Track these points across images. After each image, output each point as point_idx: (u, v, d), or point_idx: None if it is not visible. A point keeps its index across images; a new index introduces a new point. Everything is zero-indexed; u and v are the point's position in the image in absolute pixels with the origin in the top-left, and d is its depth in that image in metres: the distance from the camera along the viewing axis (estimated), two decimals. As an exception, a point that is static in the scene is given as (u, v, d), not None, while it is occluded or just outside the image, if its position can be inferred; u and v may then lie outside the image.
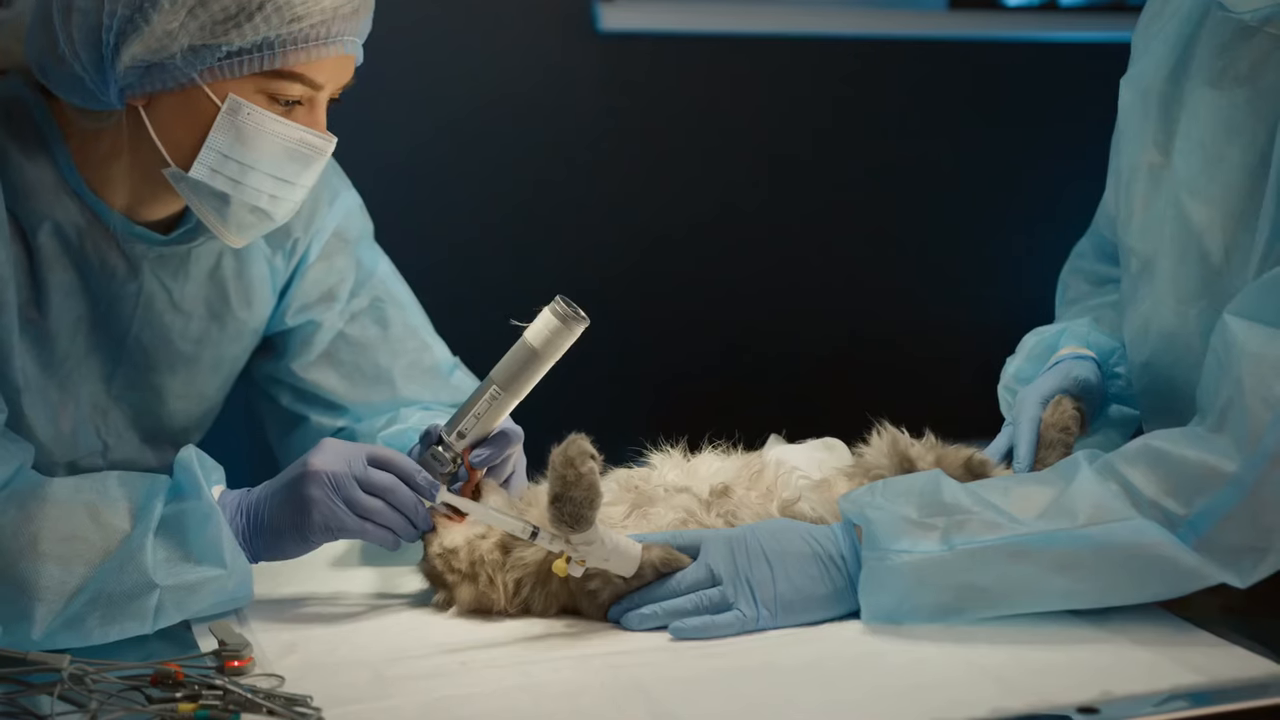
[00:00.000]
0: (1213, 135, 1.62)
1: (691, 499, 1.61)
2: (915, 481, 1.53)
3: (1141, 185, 1.74)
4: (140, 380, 1.89)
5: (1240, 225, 1.60)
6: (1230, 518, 1.40)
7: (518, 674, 1.39)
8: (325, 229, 1.98)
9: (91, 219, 1.78)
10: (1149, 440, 1.48)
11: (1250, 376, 1.43)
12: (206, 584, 1.54)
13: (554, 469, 1.45)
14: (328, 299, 1.99)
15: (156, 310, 1.86)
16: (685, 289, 3.51)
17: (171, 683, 1.34)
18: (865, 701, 1.31)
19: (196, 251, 1.87)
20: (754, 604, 1.48)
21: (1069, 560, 1.43)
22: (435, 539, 1.56)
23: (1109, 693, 1.28)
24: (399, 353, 2.02)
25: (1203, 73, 1.64)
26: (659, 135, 3.45)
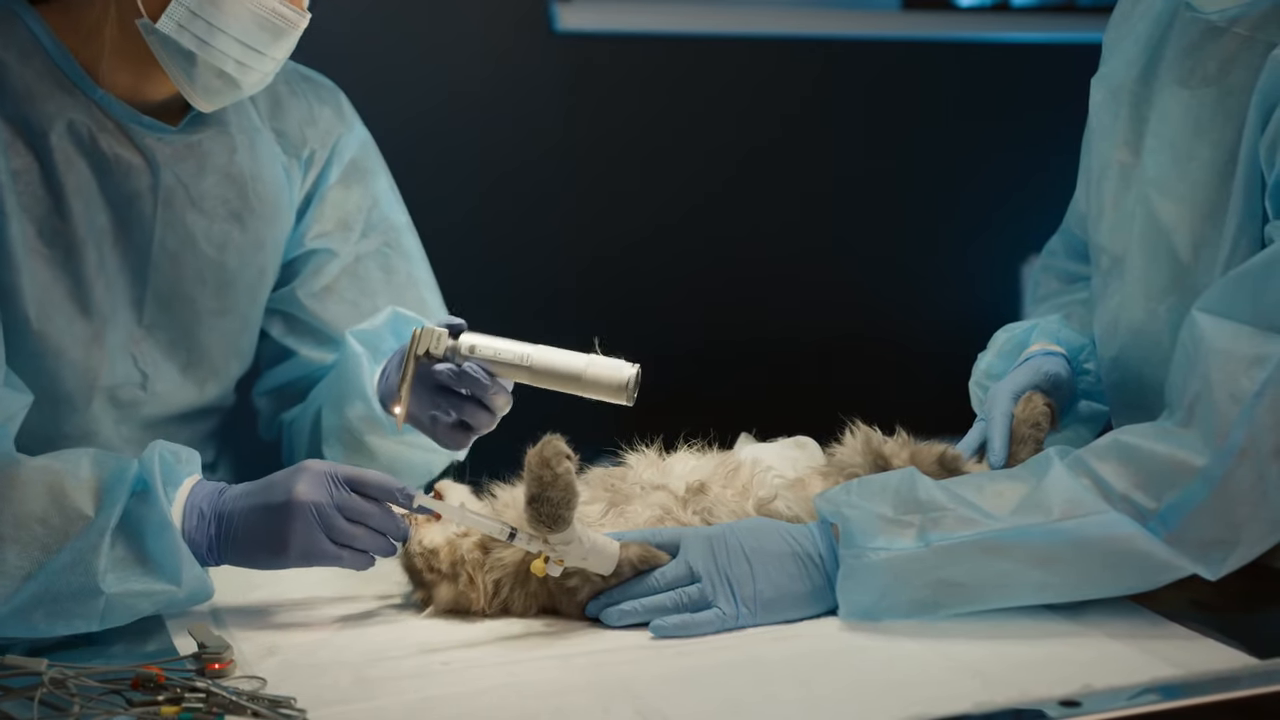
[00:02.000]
0: (1182, 134, 1.65)
1: (668, 496, 1.62)
2: (890, 479, 1.54)
3: (1112, 183, 1.76)
4: (171, 296, 1.88)
5: (1208, 223, 1.62)
6: (1199, 512, 1.42)
7: (501, 673, 1.40)
8: (343, 153, 2.01)
9: (100, 114, 1.80)
10: (1118, 435, 1.50)
11: (1218, 372, 1.45)
12: (155, 595, 1.53)
13: (530, 470, 1.46)
14: (343, 228, 2.01)
15: (177, 210, 1.86)
16: (645, 288, 3.52)
17: (153, 686, 1.34)
18: (849, 697, 1.32)
19: (208, 145, 1.88)
20: (733, 602, 1.49)
21: (1043, 554, 1.45)
22: (416, 537, 1.56)
23: (1089, 686, 1.29)
24: (397, 301, 2.02)
25: (1172, 72, 1.66)
26: (617, 135, 3.46)
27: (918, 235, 3.72)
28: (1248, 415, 1.42)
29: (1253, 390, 1.42)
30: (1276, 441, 1.42)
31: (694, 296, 3.56)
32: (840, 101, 3.64)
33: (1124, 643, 1.43)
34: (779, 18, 3.58)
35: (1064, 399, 1.82)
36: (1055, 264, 2.02)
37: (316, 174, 2.00)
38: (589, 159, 3.44)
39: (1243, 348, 1.45)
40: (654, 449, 1.70)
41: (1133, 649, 1.41)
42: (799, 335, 3.61)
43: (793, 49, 3.61)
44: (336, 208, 2.01)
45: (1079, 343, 1.88)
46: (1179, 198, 1.65)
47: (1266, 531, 1.44)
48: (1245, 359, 1.44)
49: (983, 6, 3.75)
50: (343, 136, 2.02)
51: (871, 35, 3.67)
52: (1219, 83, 1.60)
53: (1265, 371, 1.43)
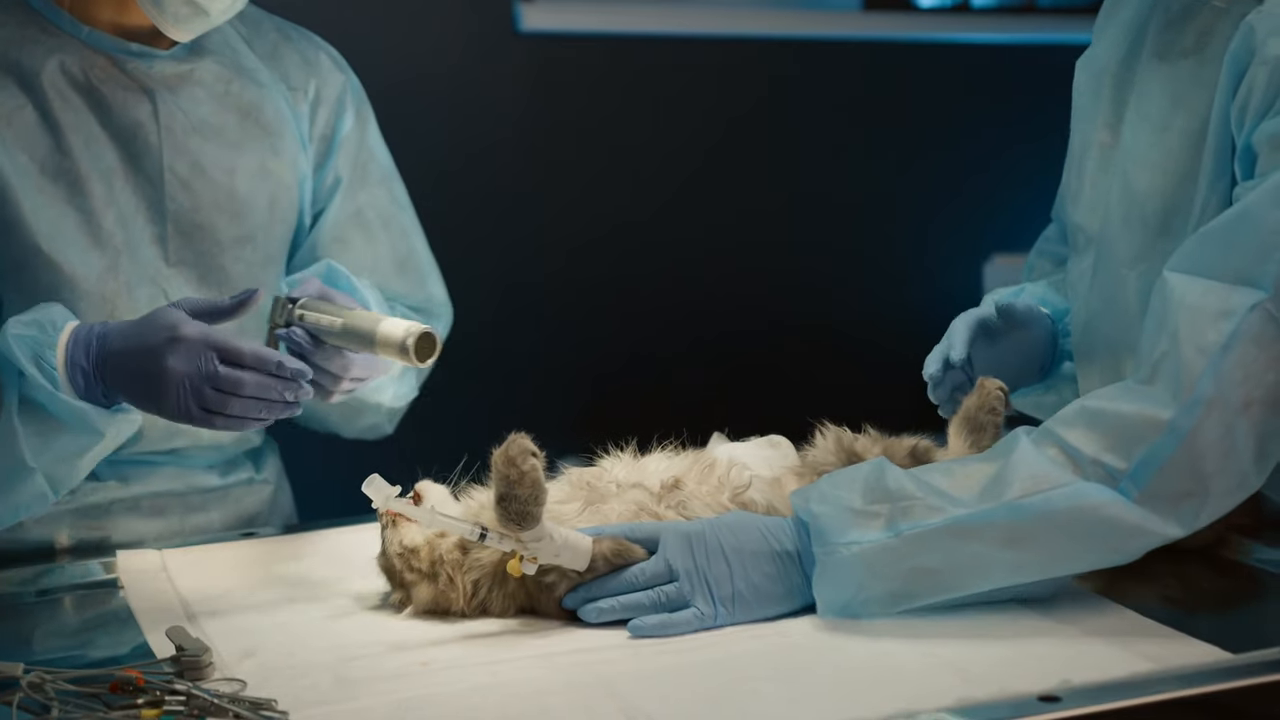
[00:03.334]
0: (1159, 106, 1.67)
1: (644, 494, 1.62)
2: (859, 470, 1.54)
3: (1091, 164, 1.79)
4: (191, 227, 1.94)
5: (1181, 190, 1.64)
6: (1169, 465, 1.43)
7: (482, 673, 1.39)
8: (348, 99, 2.08)
9: (89, 51, 1.87)
10: (1084, 402, 1.51)
11: (1185, 327, 1.45)
12: (85, 449, 1.67)
13: (497, 469, 1.46)
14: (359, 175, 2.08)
15: (180, 135, 1.92)
16: (610, 289, 3.51)
17: (132, 689, 1.33)
18: (831, 694, 1.33)
19: (201, 73, 1.95)
20: (711, 601, 1.49)
21: (1013, 533, 1.45)
22: (395, 537, 1.56)
23: (1068, 681, 1.30)
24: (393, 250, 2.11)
25: (1153, 48, 1.69)
26: (581, 135, 3.46)
27: (881, 234, 3.73)
28: (1214, 367, 1.43)
29: (1219, 343, 1.43)
30: (1245, 396, 1.43)
31: (658, 296, 3.56)
32: (802, 101, 3.65)
33: (1100, 639, 1.44)
34: (741, 18, 3.58)
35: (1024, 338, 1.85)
36: (1048, 248, 2.03)
37: (330, 116, 2.06)
38: (553, 159, 3.44)
39: (1210, 302, 1.46)
40: (629, 451, 1.71)
41: (1109, 645, 1.42)
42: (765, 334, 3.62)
43: (755, 49, 3.61)
44: (351, 155, 2.08)
45: (1063, 307, 1.90)
46: (1153, 166, 1.67)
47: (1235, 484, 1.45)
48: (1212, 312, 1.45)
49: (943, 7, 3.77)
50: (348, 84, 2.09)
51: (833, 36, 3.68)
52: (1196, 54, 1.63)
53: (1231, 324, 1.43)
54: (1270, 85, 1.51)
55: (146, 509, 1.97)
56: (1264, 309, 1.43)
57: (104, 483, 1.93)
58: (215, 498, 2.03)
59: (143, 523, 1.96)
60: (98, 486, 1.93)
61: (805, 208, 3.67)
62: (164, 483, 1.98)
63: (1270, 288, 1.43)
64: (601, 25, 3.43)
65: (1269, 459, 1.46)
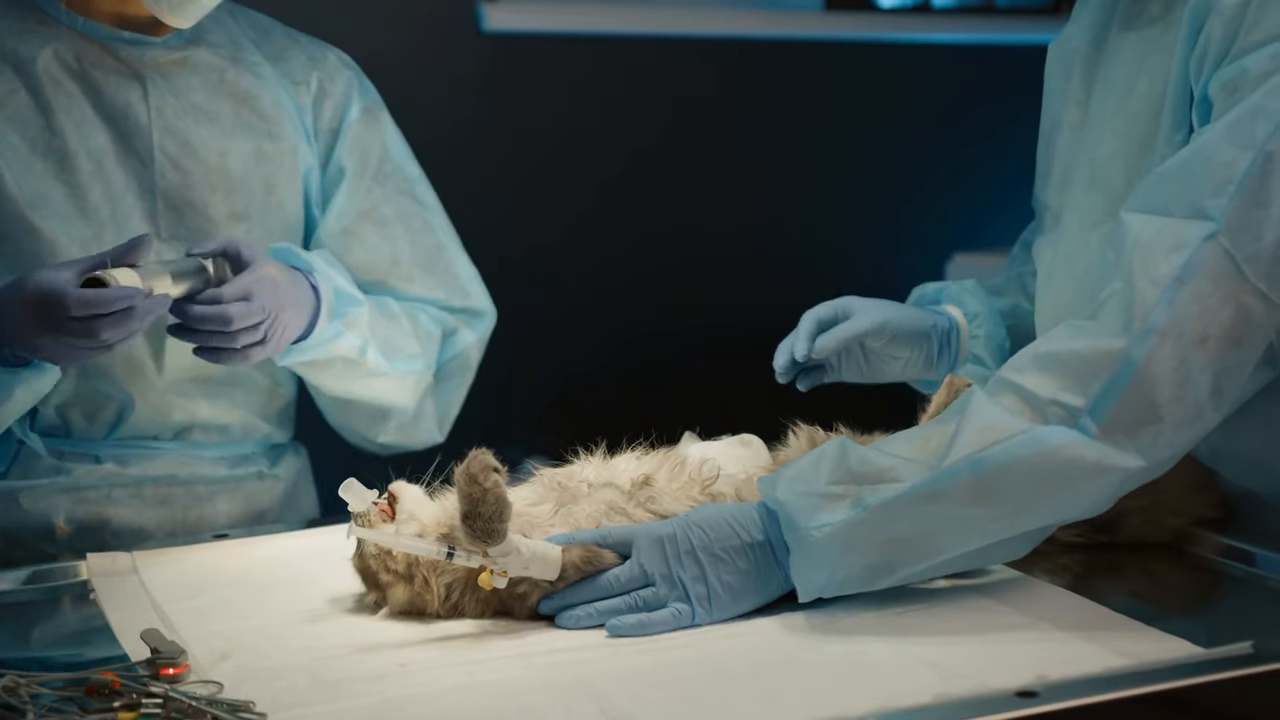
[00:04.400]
0: (1124, 73, 1.69)
1: (615, 493, 1.62)
2: (822, 452, 1.54)
3: (1061, 142, 1.81)
4: (182, 204, 1.98)
5: (1143, 153, 1.65)
6: (1125, 395, 1.43)
7: (460, 674, 1.39)
8: (360, 96, 2.12)
9: (84, 41, 1.93)
10: (1034, 348, 1.52)
11: (1139, 261, 1.47)
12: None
13: (459, 487, 1.45)
14: (362, 168, 2.10)
15: (170, 117, 1.97)
16: (572, 289, 3.51)
17: (108, 692, 1.32)
18: (809, 691, 1.33)
19: (196, 60, 2.00)
20: (688, 601, 1.49)
21: (978, 489, 1.45)
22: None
23: (1044, 677, 1.31)
24: (416, 248, 2.14)
25: (1121, 20, 1.71)
26: (543, 135, 3.45)
27: (843, 234, 3.74)
28: (1167, 298, 1.44)
29: (1172, 274, 1.45)
30: (1201, 331, 1.44)
31: (622, 298, 3.56)
32: (764, 101, 3.66)
33: (1073, 634, 1.44)
34: (704, 18, 3.58)
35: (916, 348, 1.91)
36: (1028, 237, 2.05)
37: (336, 110, 2.09)
38: (516, 159, 3.43)
39: (1164, 237, 1.47)
40: (599, 453, 1.71)
41: (1082, 640, 1.43)
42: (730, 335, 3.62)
43: (718, 49, 3.62)
44: (356, 145, 2.10)
45: (976, 309, 1.93)
46: (1117, 131, 1.68)
47: (1190, 417, 1.45)
48: (1166, 245, 1.46)
49: (904, 7, 3.78)
50: (355, 80, 2.13)
51: (795, 36, 3.68)
52: (1162, 20, 1.65)
53: (1184, 255, 1.45)
54: (1225, 35, 1.53)
55: (150, 497, 1.98)
56: (1218, 244, 1.45)
57: (101, 465, 1.95)
58: (224, 489, 2.04)
59: (146, 511, 1.97)
60: (94, 469, 1.94)
61: (767, 208, 3.68)
62: (166, 468, 1.99)
63: (1222, 219, 1.45)
64: (565, 25, 3.43)
65: (1225, 395, 1.47)
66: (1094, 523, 1.69)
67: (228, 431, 2.05)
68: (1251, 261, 1.45)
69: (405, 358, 2.06)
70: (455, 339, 2.16)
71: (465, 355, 2.17)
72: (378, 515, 1.56)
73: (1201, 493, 1.74)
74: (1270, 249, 1.45)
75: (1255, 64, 1.49)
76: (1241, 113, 1.48)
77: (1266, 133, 1.46)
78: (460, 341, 2.16)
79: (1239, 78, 1.50)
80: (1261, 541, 1.68)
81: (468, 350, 2.17)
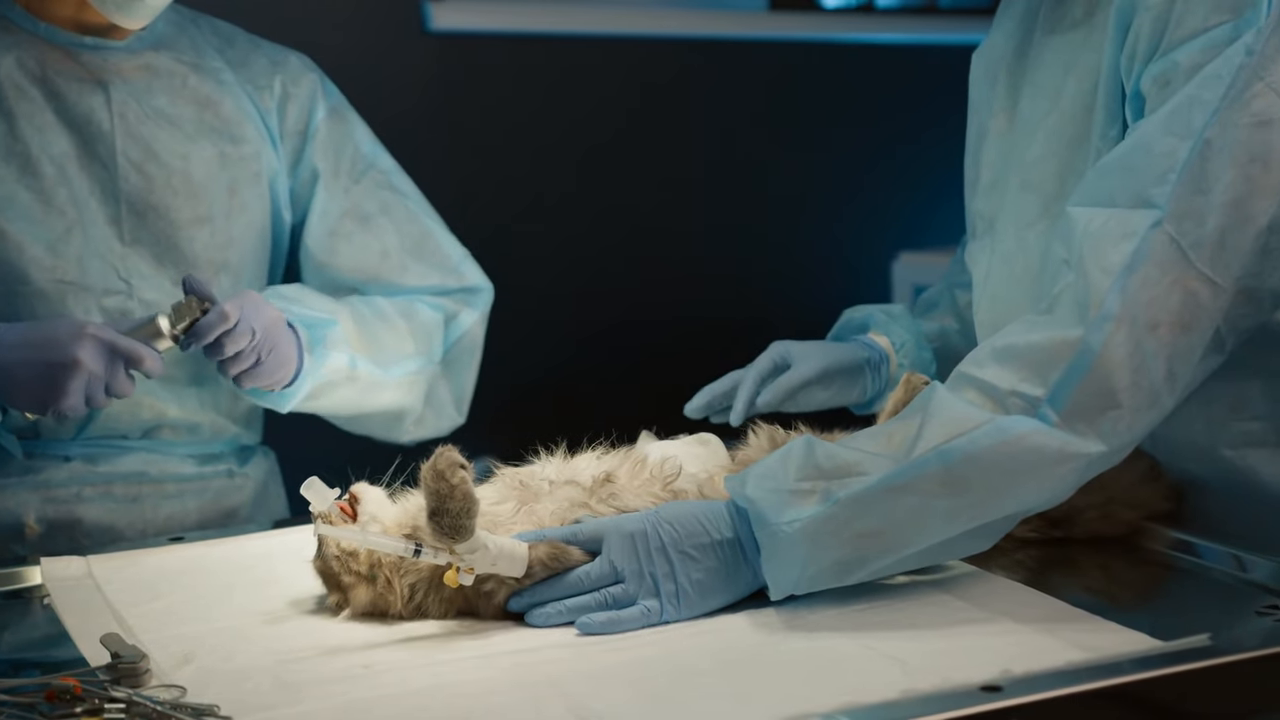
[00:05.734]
0: (1051, 76, 1.72)
1: (576, 490, 1.62)
2: (789, 450, 1.56)
3: (988, 149, 1.83)
4: (145, 208, 1.98)
5: (1075, 152, 1.68)
6: (1084, 383, 1.45)
7: (426, 675, 1.39)
8: (324, 98, 2.13)
9: (46, 46, 1.94)
10: (991, 343, 1.54)
11: (1090, 252, 1.49)
12: None
13: (426, 485, 1.45)
14: (335, 170, 2.11)
15: (132, 121, 1.98)
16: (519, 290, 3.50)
17: (70, 698, 1.30)
18: (776, 689, 1.33)
19: (158, 66, 2.01)
20: (658, 598, 1.50)
21: (944, 480, 1.46)
22: (333, 540, 1.55)
23: (1008, 671, 1.32)
24: (403, 237, 2.16)
25: (1044, 26, 1.75)
26: (490, 135, 3.44)
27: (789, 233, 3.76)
28: (1119, 284, 1.46)
29: (1122, 262, 1.47)
30: (1152, 317, 1.47)
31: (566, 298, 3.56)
32: (709, 101, 3.67)
33: (1032, 628, 1.46)
34: (649, 18, 3.59)
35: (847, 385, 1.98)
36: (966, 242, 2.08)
37: (301, 112, 2.10)
38: (462, 158, 3.42)
39: (1112, 227, 1.50)
40: (559, 453, 1.70)
41: (1042, 634, 1.44)
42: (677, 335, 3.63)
43: (663, 48, 3.62)
44: (327, 146, 2.11)
45: (903, 339, 2.00)
46: (1048, 132, 1.71)
47: (1148, 400, 1.48)
48: (1115, 235, 1.49)
49: (848, 8, 3.81)
50: (319, 82, 2.14)
51: (740, 35, 3.70)
52: (1085, 23, 1.68)
53: (1133, 243, 1.47)
54: (1154, 31, 1.56)
55: (120, 495, 1.97)
56: (1165, 232, 1.47)
57: (70, 463, 1.94)
58: (194, 488, 2.03)
59: (116, 510, 1.97)
60: (64, 467, 1.93)
61: (712, 208, 3.68)
62: (135, 465, 1.99)
63: (1166, 207, 1.48)
64: (511, 25, 3.42)
65: (1178, 380, 1.49)
66: (1049, 518, 1.71)
67: (197, 431, 2.05)
68: (1196, 248, 1.48)
69: (400, 359, 2.08)
70: (457, 322, 2.19)
71: (471, 335, 2.21)
72: (339, 515, 1.55)
73: (1153, 484, 1.76)
74: (1213, 235, 1.48)
75: (1185, 57, 1.53)
76: (1177, 103, 1.51)
77: (1203, 121, 1.49)
78: (463, 323, 2.20)
79: (1170, 71, 1.54)
80: (1207, 532, 1.71)
81: (472, 330, 2.21)
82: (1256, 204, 1.49)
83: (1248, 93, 1.48)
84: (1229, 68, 1.49)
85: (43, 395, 1.78)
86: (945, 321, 2.06)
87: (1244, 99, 1.48)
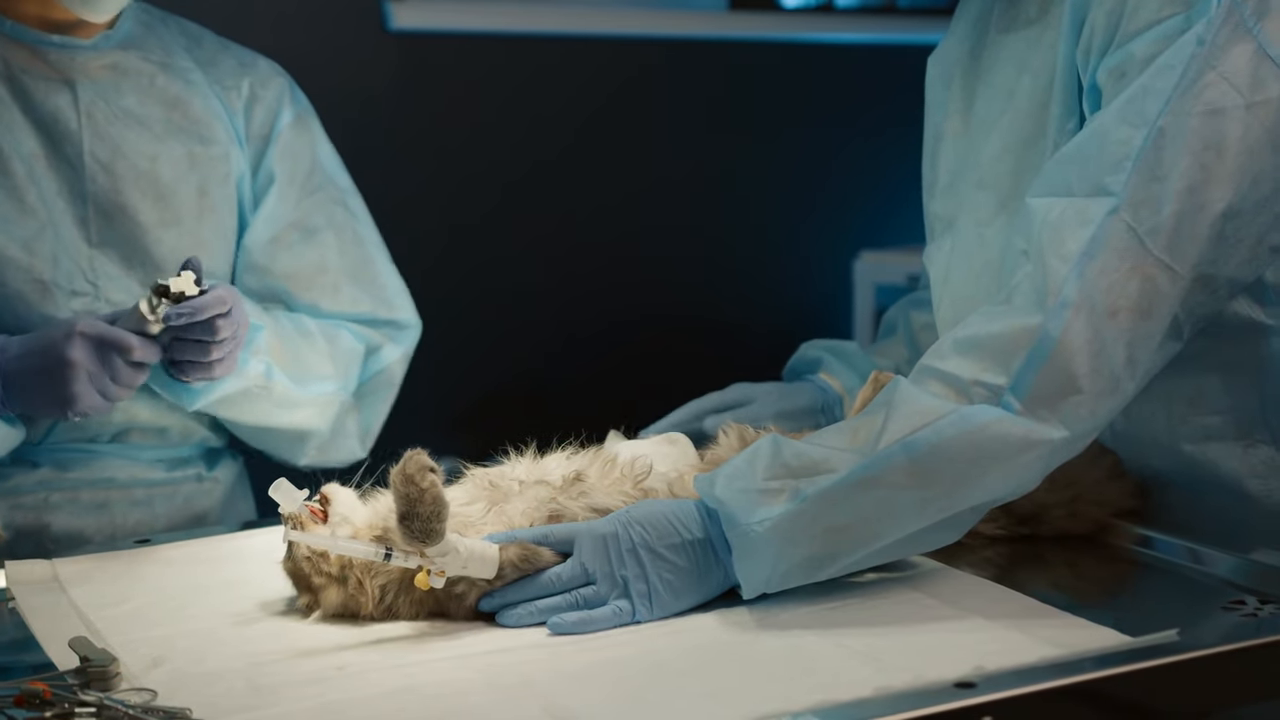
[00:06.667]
0: (1005, 75, 1.74)
1: (546, 489, 1.62)
2: (756, 449, 1.56)
3: (945, 150, 1.85)
4: (113, 209, 1.97)
5: (1029, 149, 1.70)
6: (1045, 370, 1.47)
7: (399, 676, 1.38)
8: (286, 100, 2.11)
9: (12, 44, 1.93)
10: (952, 334, 1.55)
11: (1048, 241, 1.51)
12: None
13: (396, 488, 1.44)
14: (291, 176, 2.09)
15: (100, 122, 1.96)
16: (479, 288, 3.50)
17: (39, 702, 1.29)
18: (750, 687, 1.34)
19: (126, 65, 1.99)
20: (629, 599, 1.50)
21: (912, 472, 1.47)
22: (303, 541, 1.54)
23: (981, 668, 1.33)
24: (344, 257, 2.13)
25: (998, 26, 1.77)
26: (451, 134, 3.44)
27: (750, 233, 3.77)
28: (1078, 271, 1.48)
29: (1080, 249, 1.49)
30: (1111, 304, 1.48)
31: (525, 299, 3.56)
32: (670, 100, 3.67)
33: (1003, 625, 1.46)
34: (609, 18, 3.59)
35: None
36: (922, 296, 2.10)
37: (267, 116, 2.08)
38: (422, 157, 3.42)
39: (1069, 215, 1.51)
40: (529, 453, 1.70)
41: (1012, 630, 1.45)
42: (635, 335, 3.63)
43: (623, 48, 3.62)
44: (287, 153, 2.09)
45: (853, 384, 2.02)
46: (1004, 130, 1.73)
47: (1108, 386, 1.49)
48: (1072, 223, 1.51)
49: (808, 8, 3.82)
50: (287, 87, 2.13)
51: (700, 35, 3.71)
52: (1039, 21, 1.70)
53: (1090, 230, 1.49)
54: (1108, 24, 1.58)
55: (87, 501, 1.96)
56: (1121, 219, 1.49)
57: (39, 469, 1.92)
58: (162, 493, 2.01)
59: (84, 516, 1.95)
60: (32, 474, 1.92)
61: (672, 208, 3.69)
62: (104, 470, 1.97)
63: (1122, 194, 1.49)
64: (471, 24, 3.42)
65: (1139, 365, 1.51)
66: (1016, 516, 1.72)
67: (165, 435, 2.03)
68: (1153, 235, 1.49)
69: (317, 379, 2.05)
70: (379, 355, 2.15)
71: (389, 371, 2.16)
72: (309, 517, 1.54)
73: (1119, 481, 1.78)
74: (1169, 222, 1.49)
75: (1140, 48, 1.55)
76: (1132, 93, 1.53)
77: (1157, 110, 1.51)
78: (384, 358, 2.15)
79: (1125, 62, 1.56)
80: (1172, 528, 1.73)
81: (391, 366, 2.16)
82: (1211, 191, 1.50)
83: (1200, 82, 1.50)
84: (1181, 58, 1.51)
85: (56, 400, 1.79)
86: (898, 354, 2.07)
87: (1196, 88, 1.50)
